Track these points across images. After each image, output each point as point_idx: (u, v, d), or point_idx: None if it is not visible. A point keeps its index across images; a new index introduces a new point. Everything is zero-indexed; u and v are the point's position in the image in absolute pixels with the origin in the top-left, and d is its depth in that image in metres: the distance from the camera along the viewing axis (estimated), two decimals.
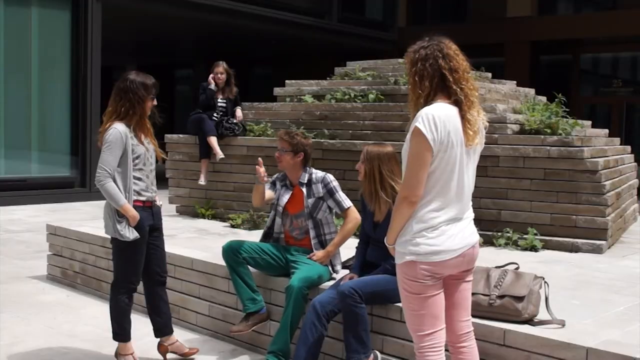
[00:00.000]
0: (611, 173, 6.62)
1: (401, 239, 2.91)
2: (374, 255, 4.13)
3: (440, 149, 2.81)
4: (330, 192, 4.51)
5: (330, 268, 4.52)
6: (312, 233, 4.53)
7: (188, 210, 8.05)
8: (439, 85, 2.90)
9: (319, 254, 4.44)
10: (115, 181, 4.07)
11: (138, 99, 4.15)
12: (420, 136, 2.79)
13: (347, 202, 4.52)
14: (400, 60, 8.21)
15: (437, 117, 2.80)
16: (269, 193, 4.70)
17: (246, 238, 4.94)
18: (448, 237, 2.87)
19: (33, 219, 10.15)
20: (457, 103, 2.89)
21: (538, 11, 17.91)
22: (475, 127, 2.90)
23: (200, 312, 5.11)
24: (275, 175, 4.78)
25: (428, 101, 2.89)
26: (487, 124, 3.12)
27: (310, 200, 4.51)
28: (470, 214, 3.01)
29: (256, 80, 21.41)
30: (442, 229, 2.86)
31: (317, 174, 4.59)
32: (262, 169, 4.46)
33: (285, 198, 4.61)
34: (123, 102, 4.15)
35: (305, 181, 4.54)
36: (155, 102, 4.28)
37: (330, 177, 4.57)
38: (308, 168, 4.61)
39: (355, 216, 4.47)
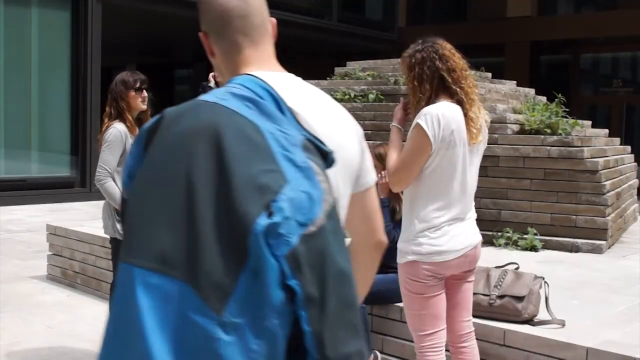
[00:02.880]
0: (611, 173, 6.62)
1: (403, 237, 2.91)
2: None
3: (441, 147, 2.81)
4: None
5: None
6: None
7: None
8: (439, 86, 2.90)
9: None
10: (114, 181, 4.08)
11: (119, 96, 4.19)
12: (421, 132, 2.79)
13: None
14: None
15: (441, 115, 2.80)
16: None
17: None
18: (451, 237, 2.86)
19: (33, 219, 10.15)
20: (459, 102, 2.89)
21: (538, 11, 17.91)
22: (477, 125, 2.90)
23: None
24: None
25: (430, 103, 2.89)
26: (489, 120, 3.12)
27: None
28: (472, 214, 3.00)
29: None
30: (445, 229, 2.86)
31: None
32: None
33: None
34: (110, 101, 4.22)
35: None
36: (144, 95, 4.26)
37: None
38: None
39: None
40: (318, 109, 1.58)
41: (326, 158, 1.36)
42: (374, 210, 1.71)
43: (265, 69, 1.55)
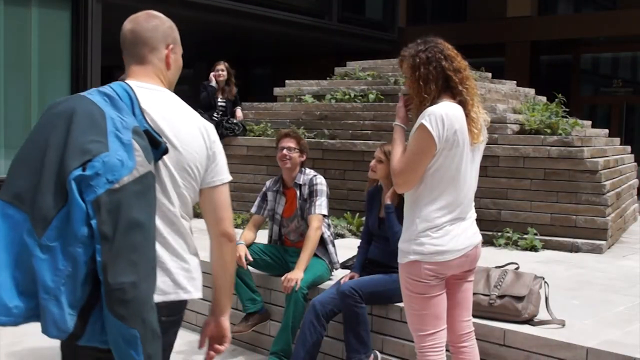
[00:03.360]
0: (611, 173, 6.62)
1: (404, 237, 2.91)
2: (376, 253, 4.12)
3: (445, 147, 2.80)
4: (311, 194, 4.46)
5: (329, 266, 4.51)
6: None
7: None
8: (442, 86, 2.89)
9: (290, 276, 4.20)
10: None
11: None
12: (426, 133, 2.79)
13: (319, 209, 4.38)
14: None
15: (445, 115, 2.79)
16: (257, 222, 4.67)
17: None
18: (452, 237, 2.86)
19: None
20: (461, 103, 2.89)
21: (538, 11, 17.91)
22: (478, 125, 2.90)
23: (200, 312, 5.11)
24: (265, 186, 4.72)
25: (433, 104, 2.88)
26: (489, 119, 3.11)
27: (301, 202, 4.49)
28: (473, 214, 3.00)
29: (256, 80, 21.41)
30: (447, 229, 2.86)
31: (309, 175, 4.55)
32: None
33: (281, 206, 4.58)
34: None
35: (301, 182, 4.52)
36: None
37: (318, 178, 4.51)
38: (303, 169, 4.59)
39: (316, 226, 4.35)
40: (168, 114, 2.06)
41: (159, 146, 1.94)
42: (221, 204, 2.19)
43: (141, 81, 2.11)
